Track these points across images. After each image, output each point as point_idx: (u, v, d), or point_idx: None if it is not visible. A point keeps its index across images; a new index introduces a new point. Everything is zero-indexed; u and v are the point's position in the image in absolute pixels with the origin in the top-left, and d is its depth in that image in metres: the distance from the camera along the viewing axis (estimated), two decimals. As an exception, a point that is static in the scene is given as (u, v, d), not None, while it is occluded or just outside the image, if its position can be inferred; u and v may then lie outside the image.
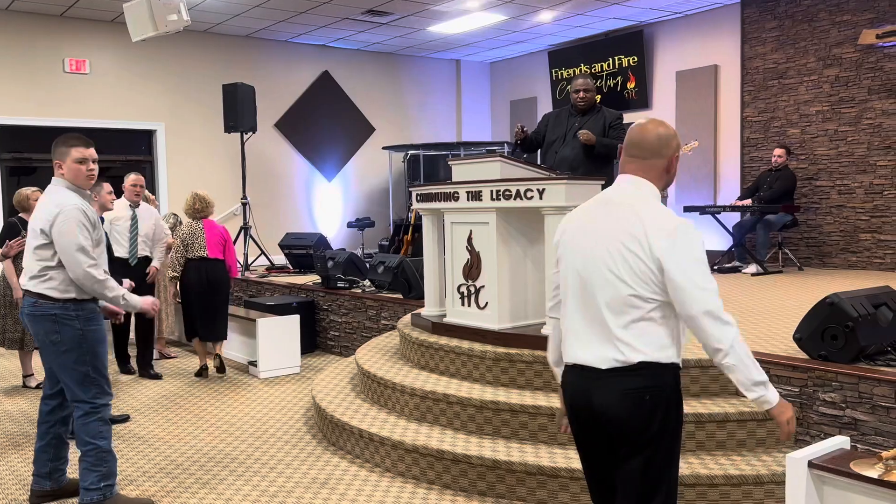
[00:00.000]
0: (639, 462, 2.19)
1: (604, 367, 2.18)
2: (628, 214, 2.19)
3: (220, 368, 6.59)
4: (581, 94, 5.52)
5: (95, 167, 3.69)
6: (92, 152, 3.67)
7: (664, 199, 9.11)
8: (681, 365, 2.27)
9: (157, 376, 6.53)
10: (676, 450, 2.27)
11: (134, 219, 6.45)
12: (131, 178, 6.52)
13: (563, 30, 10.41)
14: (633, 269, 2.15)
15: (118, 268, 5.92)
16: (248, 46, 10.56)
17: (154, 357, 6.92)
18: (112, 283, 3.59)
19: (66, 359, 3.56)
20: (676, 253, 2.12)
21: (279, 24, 9.87)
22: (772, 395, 2.18)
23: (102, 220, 5.75)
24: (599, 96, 10.20)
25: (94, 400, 3.59)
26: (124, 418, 5.24)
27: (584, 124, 5.43)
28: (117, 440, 4.78)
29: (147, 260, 6.54)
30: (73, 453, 4.52)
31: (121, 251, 6.35)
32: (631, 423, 2.18)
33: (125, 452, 4.56)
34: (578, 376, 2.25)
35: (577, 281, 2.27)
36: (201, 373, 6.51)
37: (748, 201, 8.31)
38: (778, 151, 8.32)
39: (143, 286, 6.29)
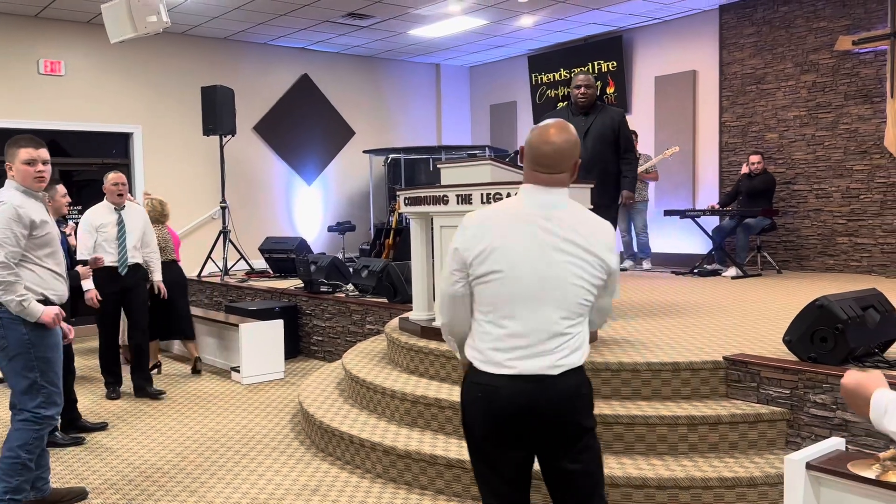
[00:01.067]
0: (592, 452, 2.35)
1: (556, 372, 2.25)
2: (574, 218, 2.31)
3: (197, 369, 6.82)
4: (582, 90, 5.41)
5: (46, 168, 3.62)
6: (42, 153, 3.60)
7: (646, 202, 9.20)
8: None
9: (158, 394, 5.97)
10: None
11: (121, 223, 5.87)
12: (111, 178, 5.91)
13: (543, 35, 10.45)
14: (585, 273, 2.27)
15: (106, 277, 5.71)
16: (227, 49, 10.46)
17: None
18: (17, 286, 3.42)
19: (14, 364, 3.48)
20: (612, 252, 2.34)
21: (259, 27, 9.80)
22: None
23: (60, 222, 5.47)
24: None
25: (37, 410, 3.50)
26: (102, 426, 5.14)
27: (593, 124, 5.36)
28: (98, 447, 4.69)
29: (139, 268, 5.98)
30: (57, 460, 4.43)
31: (108, 258, 5.77)
32: (580, 422, 2.31)
33: (107, 459, 4.48)
34: (525, 381, 2.25)
35: (525, 287, 2.26)
36: (154, 367, 6.71)
37: (728, 206, 8.39)
38: (754, 158, 8.42)
39: (134, 295, 5.92)
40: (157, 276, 6.14)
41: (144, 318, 6.04)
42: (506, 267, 2.26)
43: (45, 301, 3.56)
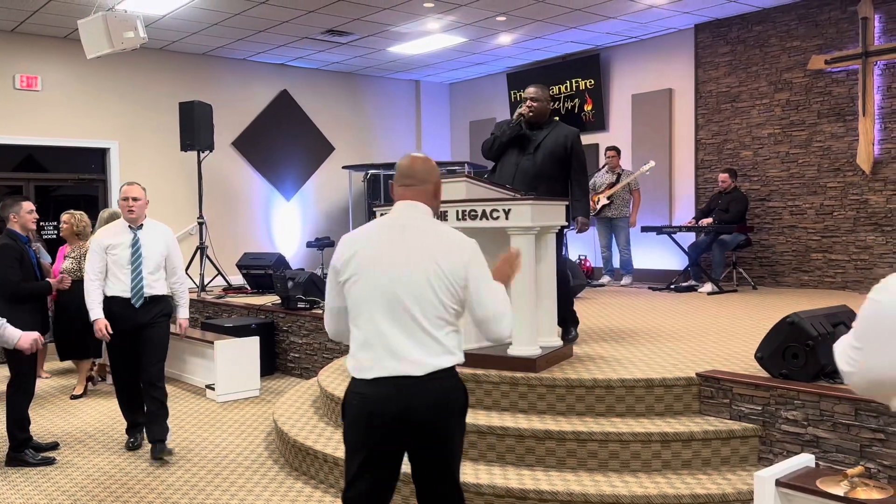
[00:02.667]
0: (451, 448, 2.52)
1: (422, 373, 2.39)
2: (429, 234, 2.49)
3: (80, 394, 6.59)
4: (528, 102, 4.95)
5: None
6: None
7: (627, 218, 9.26)
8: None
9: (167, 452, 4.74)
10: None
11: (136, 244, 4.76)
12: (123, 191, 4.84)
13: (521, 52, 10.53)
14: (442, 283, 2.42)
15: (118, 310, 4.70)
16: (205, 64, 10.45)
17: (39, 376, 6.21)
18: None
19: None
20: (474, 265, 2.47)
21: (237, 43, 9.79)
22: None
23: (27, 240, 5.05)
24: (555, 110, 10.31)
25: None
26: (52, 446, 5.02)
27: (544, 140, 4.92)
28: (64, 464, 4.62)
29: (160, 300, 4.86)
30: (22, 476, 4.36)
31: (118, 287, 4.71)
32: (448, 421, 2.47)
33: (74, 477, 4.41)
34: (392, 385, 2.40)
35: (386, 297, 2.43)
36: (84, 394, 6.52)
37: (708, 220, 8.45)
38: (722, 176, 8.53)
39: (152, 333, 4.77)
40: (183, 311, 5.04)
41: (160, 363, 4.86)
42: (363, 270, 2.47)
43: None
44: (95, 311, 4.68)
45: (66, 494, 4.19)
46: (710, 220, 8.44)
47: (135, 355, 4.84)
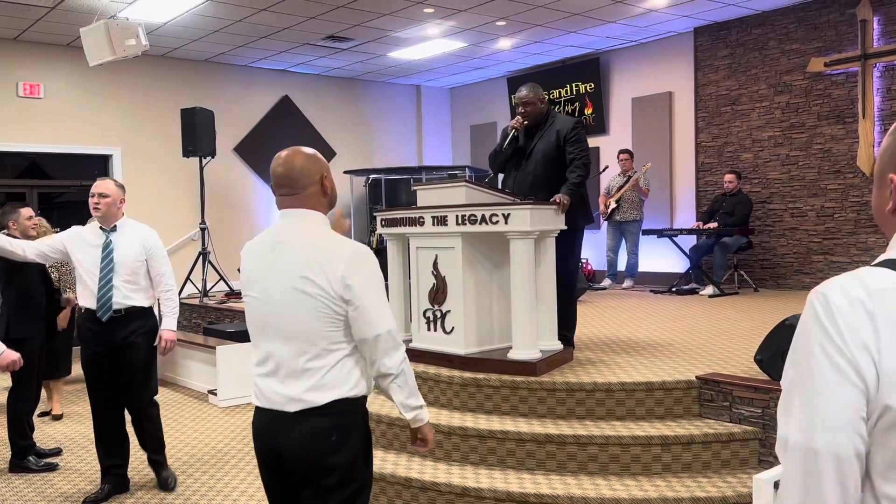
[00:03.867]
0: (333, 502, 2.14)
1: (292, 409, 2.12)
2: (300, 249, 2.16)
3: (57, 416, 6.05)
4: (521, 108, 4.75)
5: None
6: None
7: (641, 221, 9.20)
8: (367, 395, 2.26)
9: (169, 481, 4.32)
10: (367, 482, 2.24)
11: (107, 248, 4.12)
12: (94, 187, 4.17)
13: (521, 57, 10.56)
14: (317, 304, 2.10)
15: (87, 326, 4.11)
16: (207, 71, 10.49)
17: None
18: None
19: None
20: (354, 279, 2.10)
21: (239, 49, 9.83)
22: (425, 414, 2.29)
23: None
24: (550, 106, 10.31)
25: None
26: (56, 451, 5.04)
27: (536, 145, 4.74)
28: (67, 469, 4.64)
29: (140, 314, 4.17)
30: (25, 482, 4.38)
31: (87, 298, 4.08)
32: (319, 465, 2.12)
33: (77, 483, 4.43)
34: (267, 416, 2.18)
35: (262, 317, 2.20)
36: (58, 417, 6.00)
37: (714, 224, 8.43)
38: (728, 177, 8.54)
39: (130, 354, 4.11)
40: (167, 321, 4.28)
41: (145, 391, 4.24)
42: (250, 291, 2.25)
43: None
44: None
45: (69, 500, 4.21)
46: (715, 224, 8.41)
47: (112, 382, 4.15)
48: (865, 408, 1.06)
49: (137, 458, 4.48)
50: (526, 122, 4.78)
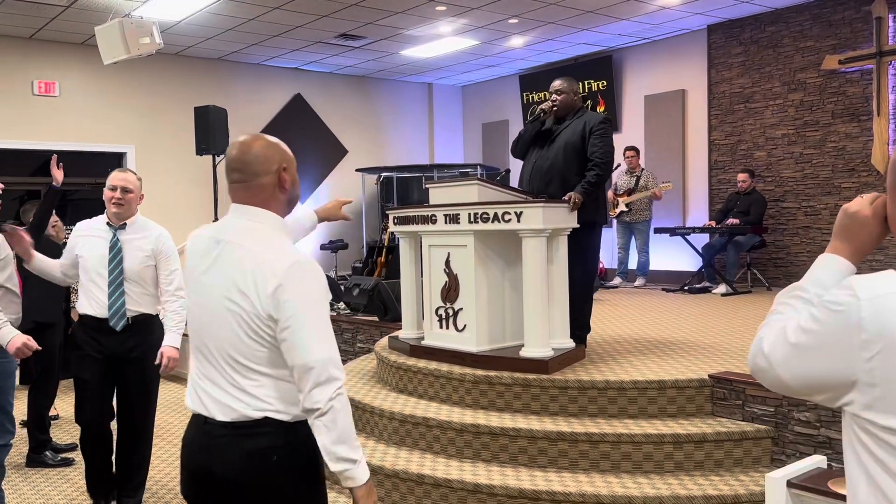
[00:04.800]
0: None
1: (225, 419, 1.89)
2: (240, 254, 1.92)
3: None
4: (552, 96, 4.78)
5: None
6: None
7: (650, 220, 9.14)
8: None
9: None
10: None
11: (115, 246, 3.74)
12: (111, 178, 3.81)
13: (533, 54, 10.55)
14: (247, 317, 1.87)
15: (90, 333, 3.74)
16: (220, 69, 10.54)
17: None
18: None
19: None
20: (287, 294, 1.83)
21: (252, 48, 9.87)
22: (360, 472, 1.86)
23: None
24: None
25: None
26: (72, 447, 5.07)
27: (562, 132, 4.71)
28: (79, 467, 4.68)
29: (143, 325, 3.79)
30: (43, 477, 4.42)
31: (91, 304, 3.71)
32: (256, 489, 1.88)
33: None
34: (200, 431, 1.95)
35: (198, 322, 2.00)
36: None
37: (735, 221, 8.35)
38: (741, 176, 8.50)
39: (135, 367, 3.77)
40: (170, 337, 3.76)
41: (146, 414, 3.91)
42: (189, 290, 2.06)
43: None
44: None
45: (85, 495, 4.25)
46: (736, 221, 8.32)
47: (109, 398, 3.82)
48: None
49: (160, 455, 4.51)
50: (555, 108, 4.76)
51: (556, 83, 4.80)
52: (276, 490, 1.89)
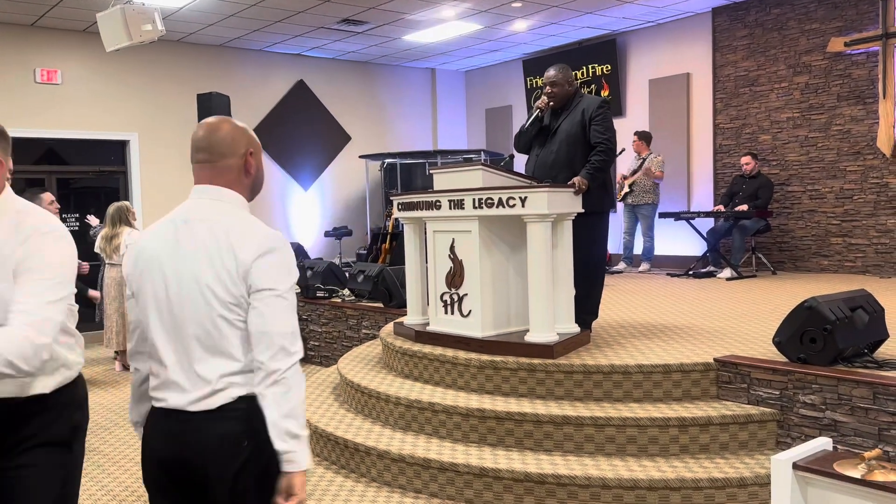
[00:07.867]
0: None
1: (196, 409, 1.88)
2: (213, 231, 1.91)
3: None
4: (547, 89, 4.72)
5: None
6: None
7: (655, 204, 9.12)
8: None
9: None
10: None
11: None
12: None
13: (537, 39, 10.49)
14: (220, 295, 1.87)
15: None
16: (222, 55, 10.50)
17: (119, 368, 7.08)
18: None
19: None
20: (264, 263, 1.87)
21: (254, 34, 9.83)
22: (303, 458, 1.85)
23: None
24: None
25: None
26: None
27: (560, 125, 4.70)
28: (90, 452, 4.71)
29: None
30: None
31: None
32: (227, 473, 1.87)
33: (103, 465, 4.50)
34: (169, 421, 1.93)
35: (162, 313, 1.94)
36: None
37: (745, 207, 8.28)
38: (745, 159, 8.47)
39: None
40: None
41: None
42: (143, 282, 1.97)
43: None
44: None
45: (93, 481, 4.28)
46: (745, 206, 8.25)
47: None
48: None
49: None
50: (551, 104, 4.74)
51: (550, 73, 4.74)
52: (243, 474, 1.88)
